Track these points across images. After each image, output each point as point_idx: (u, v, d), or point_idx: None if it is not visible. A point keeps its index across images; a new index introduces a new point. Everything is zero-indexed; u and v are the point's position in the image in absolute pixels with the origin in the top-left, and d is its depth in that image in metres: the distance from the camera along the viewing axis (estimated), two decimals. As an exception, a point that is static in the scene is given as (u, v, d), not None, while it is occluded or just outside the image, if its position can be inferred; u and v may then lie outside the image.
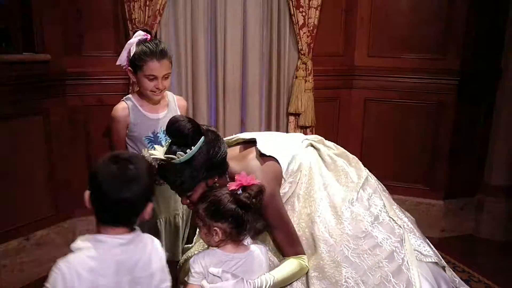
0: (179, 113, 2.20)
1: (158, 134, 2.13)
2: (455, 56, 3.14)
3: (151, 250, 1.38)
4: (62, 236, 2.87)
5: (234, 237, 1.55)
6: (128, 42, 2.06)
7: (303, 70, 3.11)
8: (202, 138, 1.56)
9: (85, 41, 2.76)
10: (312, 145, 1.96)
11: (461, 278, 2.74)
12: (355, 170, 1.92)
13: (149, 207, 1.36)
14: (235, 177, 1.55)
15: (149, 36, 2.06)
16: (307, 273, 1.71)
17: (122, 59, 2.09)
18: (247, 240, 1.62)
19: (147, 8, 2.66)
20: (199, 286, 1.52)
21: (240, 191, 1.52)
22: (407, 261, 1.72)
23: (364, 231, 1.73)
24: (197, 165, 1.55)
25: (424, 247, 1.84)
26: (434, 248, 1.90)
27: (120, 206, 1.28)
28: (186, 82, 2.89)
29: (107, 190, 1.26)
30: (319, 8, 3.02)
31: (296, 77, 3.13)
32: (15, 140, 2.58)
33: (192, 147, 1.54)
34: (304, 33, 3.03)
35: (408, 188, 3.41)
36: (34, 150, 2.69)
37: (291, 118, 3.20)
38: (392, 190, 3.38)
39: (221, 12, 2.87)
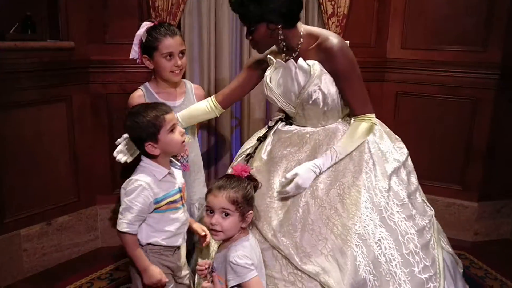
0: (196, 102, 2.17)
1: (174, 122, 2.10)
2: (496, 49, 2.93)
3: None
4: (84, 223, 2.90)
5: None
6: (137, 34, 2.11)
7: (331, 62, 2.99)
8: None
9: (109, 29, 2.75)
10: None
11: (492, 287, 2.61)
12: (398, 148, 2.00)
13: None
14: (234, 168, 1.62)
15: (155, 22, 2.08)
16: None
17: (134, 52, 2.10)
18: None
19: (170, -5, 2.63)
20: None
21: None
22: (433, 242, 1.81)
23: (402, 199, 1.80)
24: (262, 3, 1.74)
25: (445, 238, 1.97)
26: None
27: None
28: (209, 71, 2.82)
29: None
30: (349, -3, 2.89)
31: (324, 68, 3.01)
32: (39, 126, 2.61)
33: None
34: (333, 22, 2.91)
35: (439, 187, 3.23)
36: (58, 136, 2.71)
37: (318, 111, 3.09)
38: (423, 189, 3.25)
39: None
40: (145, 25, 2.09)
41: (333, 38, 1.82)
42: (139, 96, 2.12)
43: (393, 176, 1.85)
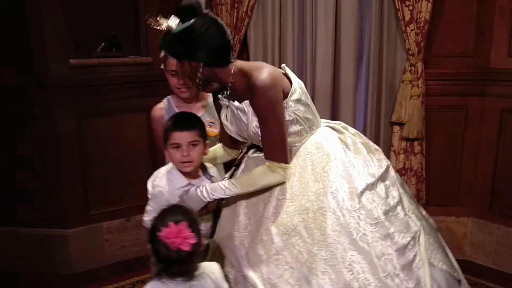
0: (217, 117, 2.18)
1: (190, 135, 2.14)
2: None
3: None
4: (161, 222, 3.16)
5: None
6: None
7: (411, 73, 2.67)
8: (193, 20, 1.64)
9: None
10: (333, 128, 1.88)
11: None
12: (376, 160, 1.82)
13: None
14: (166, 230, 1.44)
15: None
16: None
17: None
18: None
19: (235, 10, 2.69)
20: None
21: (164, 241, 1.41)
22: (419, 260, 1.63)
23: (376, 218, 1.63)
24: (183, 41, 1.67)
25: (437, 254, 1.73)
26: (453, 260, 1.85)
27: None
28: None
29: None
30: (431, 0, 2.53)
31: (403, 81, 2.70)
32: (122, 133, 2.95)
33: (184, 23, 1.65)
34: (411, 30, 2.59)
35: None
36: (139, 142, 3.02)
37: (396, 128, 2.79)
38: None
39: (311, 9, 2.66)
40: None
41: (259, 75, 1.65)
42: (160, 108, 2.24)
43: (365, 193, 1.66)
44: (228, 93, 1.79)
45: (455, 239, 2.98)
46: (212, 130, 2.17)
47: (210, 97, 2.27)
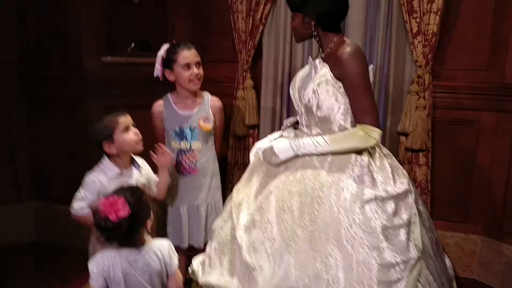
0: (210, 113, 2.36)
1: (184, 130, 2.35)
2: None
3: None
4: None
5: None
6: (158, 55, 2.39)
7: (417, 85, 2.67)
8: None
9: (208, 49, 3.14)
10: None
11: None
12: (400, 183, 1.82)
13: None
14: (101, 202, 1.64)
15: (174, 42, 2.33)
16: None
17: (157, 70, 2.38)
18: None
19: (250, 18, 2.85)
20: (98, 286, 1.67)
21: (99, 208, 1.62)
22: (404, 286, 1.57)
23: (372, 228, 1.64)
24: None
25: None
26: None
27: None
28: (282, 88, 2.93)
29: None
30: (439, 13, 2.52)
31: (409, 91, 2.71)
32: (146, 125, 3.18)
33: None
34: (419, 42, 2.59)
35: None
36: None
37: (402, 138, 2.79)
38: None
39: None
40: (165, 46, 2.40)
41: (347, 48, 1.84)
42: (158, 105, 2.45)
43: (370, 203, 1.69)
44: (323, 56, 1.96)
45: (463, 257, 2.90)
46: (206, 125, 2.35)
47: (205, 95, 2.46)
